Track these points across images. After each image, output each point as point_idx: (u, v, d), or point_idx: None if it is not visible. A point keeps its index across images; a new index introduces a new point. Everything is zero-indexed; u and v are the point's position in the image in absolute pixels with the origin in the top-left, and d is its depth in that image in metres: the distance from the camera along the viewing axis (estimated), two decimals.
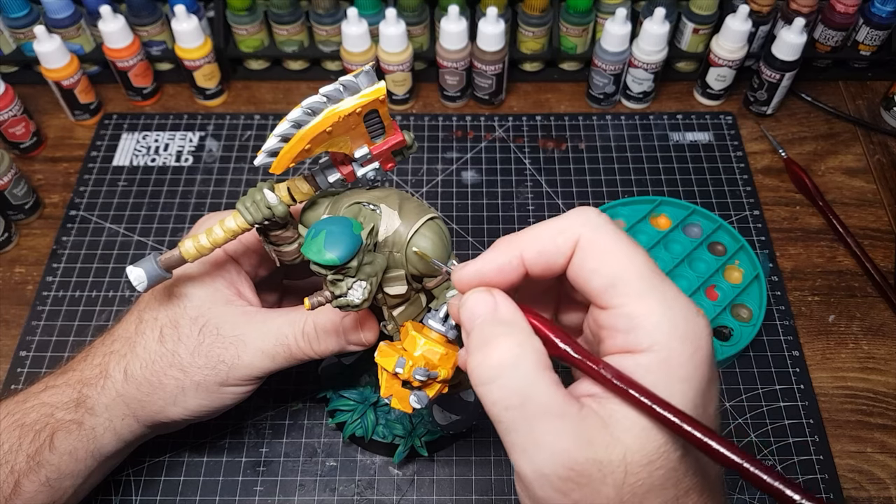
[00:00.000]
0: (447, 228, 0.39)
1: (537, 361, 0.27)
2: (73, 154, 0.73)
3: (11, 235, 0.65)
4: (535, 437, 0.26)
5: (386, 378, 0.37)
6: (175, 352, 0.42)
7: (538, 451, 0.26)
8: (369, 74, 0.33)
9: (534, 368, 0.27)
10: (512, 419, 0.27)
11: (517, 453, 0.27)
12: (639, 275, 0.28)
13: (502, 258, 0.30)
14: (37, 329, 0.60)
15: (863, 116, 0.75)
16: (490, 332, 0.28)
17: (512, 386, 0.27)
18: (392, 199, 0.38)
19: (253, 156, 0.72)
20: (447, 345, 0.36)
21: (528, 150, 0.72)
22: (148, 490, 0.52)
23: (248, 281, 0.46)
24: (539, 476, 0.26)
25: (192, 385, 0.42)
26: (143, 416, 0.43)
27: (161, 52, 0.77)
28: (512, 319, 0.29)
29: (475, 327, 0.29)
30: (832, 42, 0.75)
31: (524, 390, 0.27)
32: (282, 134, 0.34)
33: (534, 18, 0.73)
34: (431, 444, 0.51)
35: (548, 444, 0.26)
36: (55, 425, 0.42)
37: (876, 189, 0.69)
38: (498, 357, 0.27)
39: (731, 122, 0.74)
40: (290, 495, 0.52)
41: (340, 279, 0.35)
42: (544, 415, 0.26)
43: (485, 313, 0.29)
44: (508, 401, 0.27)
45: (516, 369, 0.27)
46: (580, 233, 0.29)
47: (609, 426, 0.26)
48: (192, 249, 0.38)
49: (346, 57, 0.71)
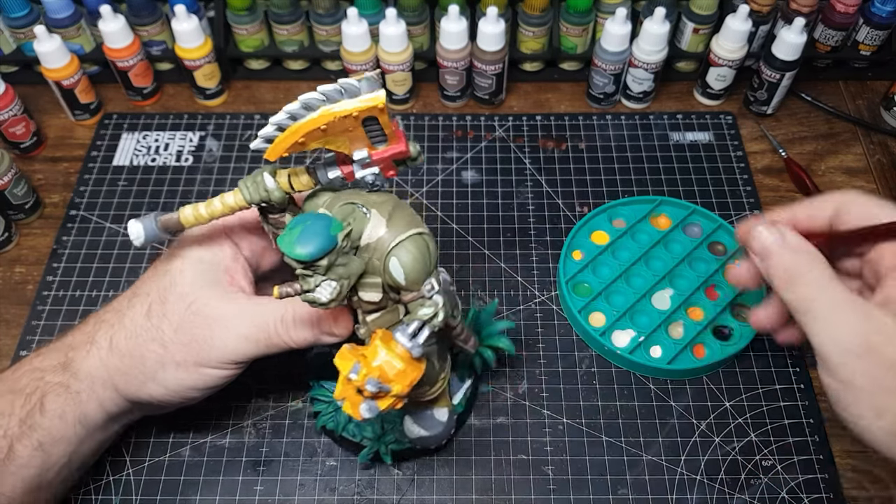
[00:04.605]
0: (435, 246, 0.38)
1: (825, 268, 0.39)
2: (73, 154, 0.73)
3: (11, 235, 0.65)
4: (833, 319, 0.37)
5: (342, 380, 0.36)
6: (159, 327, 0.43)
7: (835, 330, 0.36)
8: (371, 81, 0.33)
9: (824, 272, 0.38)
10: (814, 309, 0.37)
11: (818, 336, 0.37)
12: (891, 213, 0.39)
13: (809, 211, 0.43)
14: (37, 329, 0.60)
15: (863, 116, 0.75)
16: (786, 253, 0.39)
17: (812, 285, 0.38)
18: (386, 206, 0.38)
19: (253, 155, 0.72)
20: (410, 361, 0.36)
21: (528, 149, 0.72)
22: (148, 490, 0.52)
23: (246, 269, 0.46)
24: (839, 349, 0.36)
25: (172, 362, 0.43)
26: (124, 388, 0.44)
27: (161, 52, 0.77)
28: (798, 242, 0.40)
29: (771, 253, 0.40)
30: (832, 42, 0.75)
31: (821, 287, 0.38)
32: (277, 123, 0.35)
33: (534, 18, 0.73)
34: (397, 454, 0.51)
35: (842, 322, 0.36)
36: (45, 388, 0.43)
37: (876, 189, 0.69)
38: (796, 268, 0.39)
39: (732, 121, 0.74)
40: (290, 495, 0.52)
41: (310, 275, 0.35)
42: (838, 303, 0.37)
43: (775, 241, 0.40)
44: (809, 295, 0.38)
45: (812, 275, 0.38)
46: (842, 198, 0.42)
47: (886, 307, 0.37)
48: (191, 217, 0.40)
49: (346, 57, 0.71)
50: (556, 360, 0.58)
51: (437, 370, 0.46)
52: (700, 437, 0.54)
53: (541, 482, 0.52)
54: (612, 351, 0.56)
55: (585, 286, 0.61)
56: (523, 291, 0.62)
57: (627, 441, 0.54)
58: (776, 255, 0.40)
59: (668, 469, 0.52)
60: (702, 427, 0.54)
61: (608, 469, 0.52)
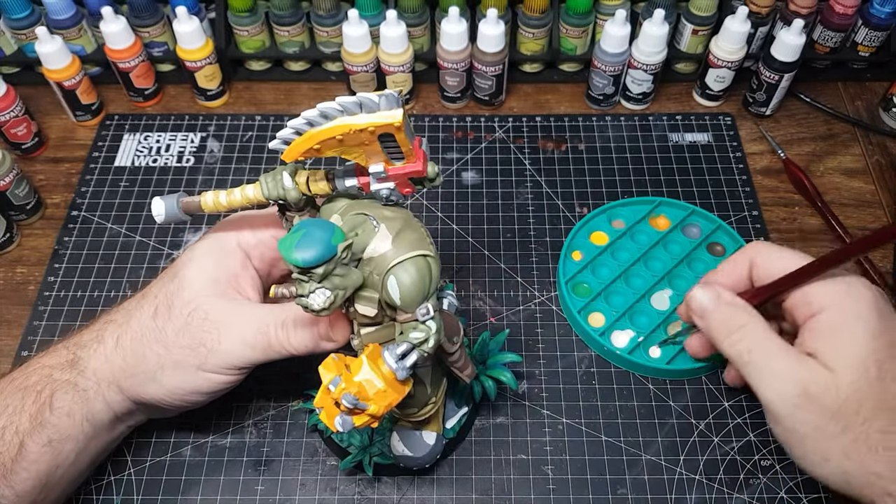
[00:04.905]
0: (438, 270, 0.38)
1: (762, 322, 0.42)
2: (74, 155, 0.73)
3: (13, 236, 0.66)
4: (772, 369, 0.40)
5: (322, 389, 0.36)
6: (163, 329, 0.44)
7: (774, 379, 0.39)
8: (390, 99, 0.33)
9: (761, 325, 0.42)
10: (753, 360, 0.40)
11: (761, 386, 0.40)
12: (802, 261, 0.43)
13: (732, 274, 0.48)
14: (38, 329, 0.60)
15: (862, 117, 0.75)
16: (722, 310, 0.44)
17: (749, 338, 0.41)
18: (396, 222, 0.37)
19: (255, 157, 0.72)
20: (393, 383, 0.36)
21: (528, 150, 0.72)
22: (149, 489, 0.52)
23: (255, 279, 0.47)
24: (779, 397, 0.39)
25: (172, 363, 0.43)
26: (127, 387, 0.45)
27: (162, 53, 0.77)
28: (733, 299, 0.44)
29: (708, 311, 0.44)
30: (831, 43, 0.75)
31: (758, 339, 0.41)
32: (295, 127, 0.35)
33: (533, 20, 0.73)
34: (381, 467, 0.51)
35: (779, 372, 0.39)
36: (54, 386, 0.43)
37: (874, 190, 0.69)
38: (733, 323, 0.42)
39: (731, 122, 0.75)
40: (291, 495, 0.52)
41: (305, 281, 0.35)
42: (776, 353, 0.40)
43: (711, 300, 0.44)
44: (748, 348, 0.41)
45: (749, 328, 0.42)
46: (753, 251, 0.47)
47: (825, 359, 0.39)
48: (211, 203, 0.42)
49: (346, 58, 0.72)
50: (555, 360, 0.58)
51: (429, 394, 0.46)
52: (699, 436, 0.54)
53: (540, 482, 0.52)
54: (612, 351, 0.57)
55: (585, 287, 0.61)
56: (523, 292, 0.62)
57: (626, 441, 0.54)
58: (712, 312, 0.44)
59: (667, 469, 0.52)
60: (701, 427, 0.54)
61: (607, 469, 0.52)
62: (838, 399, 0.38)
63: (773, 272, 0.44)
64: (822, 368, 0.39)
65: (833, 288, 0.41)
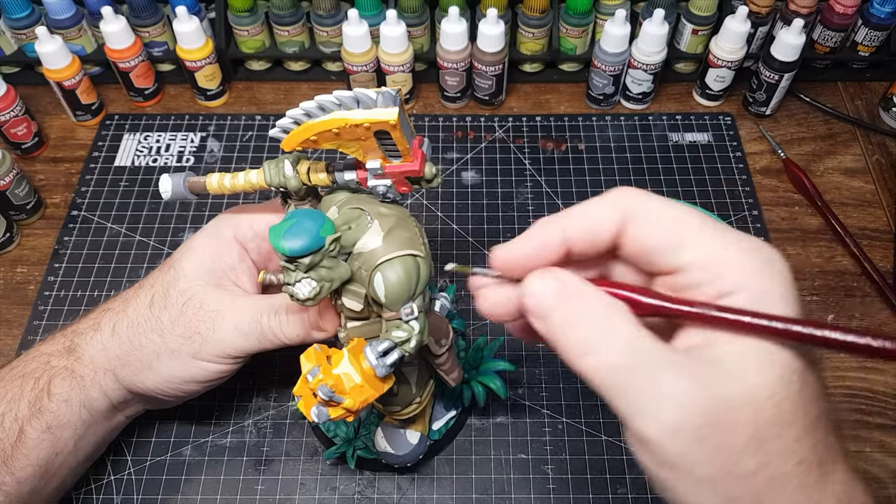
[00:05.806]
0: (428, 271, 0.37)
1: (631, 321, 0.26)
2: (74, 154, 0.73)
3: (13, 236, 0.66)
4: (657, 391, 0.25)
5: (301, 378, 0.37)
6: (159, 318, 0.44)
7: (663, 405, 0.25)
8: (387, 97, 0.33)
9: (631, 327, 0.26)
10: (625, 382, 0.25)
11: (638, 416, 0.25)
12: (701, 228, 0.27)
13: (544, 234, 0.28)
14: (38, 329, 0.60)
15: (861, 117, 0.75)
16: (570, 307, 0.27)
17: (616, 349, 0.25)
18: (389, 220, 0.37)
19: (255, 156, 0.72)
20: (371, 380, 0.36)
21: (528, 150, 0.72)
22: (149, 489, 0.52)
23: (252, 271, 0.47)
24: (672, 431, 0.25)
25: (167, 351, 0.44)
26: (122, 375, 0.45)
27: (162, 53, 0.77)
28: (584, 290, 0.27)
29: (551, 310, 0.27)
30: (831, 43, 0.75)
31: (630, 349, 0.25)
32: (293, 117, 0.35)
33: (533, 19, 0.73)
34: (363, 461, 0.51)
35: (671, 395, 0.24)
36: (52, 372, 0.44)
37: (874, 189, 0.69)
38: (590, 327, 0.26)
39: (730, 122, 0.75)
40: (291, 494, 0.52)
41: (292, 269, 0.35)
42: (659, 367, 0.25)
43: (554, 293, 0.27)
44: (616, 364, 0.25)
45: (615, 333, 0.26)
46: (628, 204, 0.28)
47: (723, 367, 0.25)
48: (215, 185, 0.42)
49: (346, 58, 0.72)
50: (555, 359, 0.58)
51: (414, 393, 0.46)
52: None
53: (540, 481, 0.52)
54: None
55: None
56: None
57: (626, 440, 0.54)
58: (554, 311, 0.27)
59: None
60: None
61: (607, 468, 0.52)
62: (756, 423, 0.24)
63: (651, 248, 0.27)
64: (733, 382, 0.25)
65: (751, 262, 0.26)
